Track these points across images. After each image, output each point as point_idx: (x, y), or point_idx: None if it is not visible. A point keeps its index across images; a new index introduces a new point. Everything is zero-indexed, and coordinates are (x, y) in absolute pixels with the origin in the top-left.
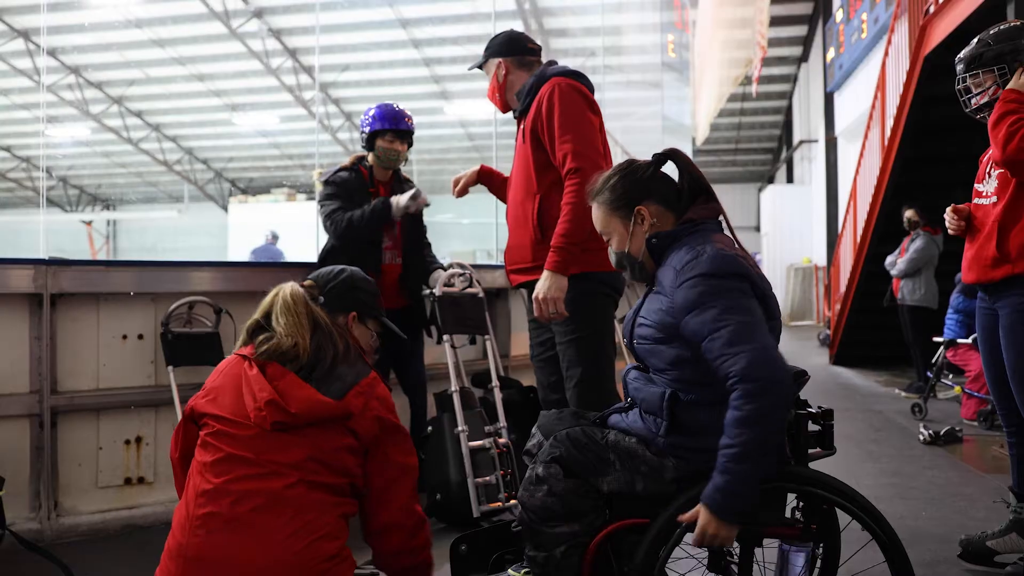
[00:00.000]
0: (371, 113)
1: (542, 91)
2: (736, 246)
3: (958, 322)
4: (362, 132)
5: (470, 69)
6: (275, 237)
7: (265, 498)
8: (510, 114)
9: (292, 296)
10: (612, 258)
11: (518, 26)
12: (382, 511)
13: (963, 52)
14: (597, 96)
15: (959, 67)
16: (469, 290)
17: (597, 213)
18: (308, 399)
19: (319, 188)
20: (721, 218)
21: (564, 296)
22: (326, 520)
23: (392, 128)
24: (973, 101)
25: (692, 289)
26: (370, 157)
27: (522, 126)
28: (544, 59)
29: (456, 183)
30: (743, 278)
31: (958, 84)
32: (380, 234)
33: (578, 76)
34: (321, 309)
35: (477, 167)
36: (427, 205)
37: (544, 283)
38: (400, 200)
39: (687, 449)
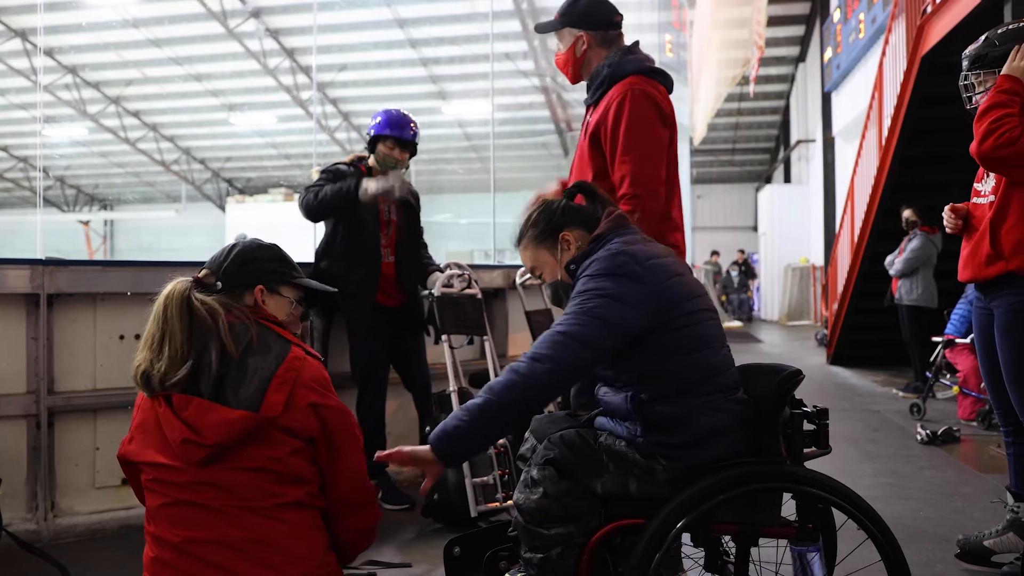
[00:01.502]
0: (379, 118)
1: (613, 92)
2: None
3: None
4: (368, 133)
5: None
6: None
7: (229, 550)
8: (508, 114)
9: (165, 299)
10: (547, 293)
11: (515, 27)
12: (333, 493)
13: (969, 48)
14: None
15: (964, 63)
16: (468, 291)
17: (525, 253)
18: (220, 423)
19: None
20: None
21: None
22: (300, 547)
23: (395, 135)
24: (974, 99)
25: (580, 285)
26: (370, 159)
27: (587, 119)
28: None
29: None
30: (623, 276)
31: (961, 80)
32: (376, 231)
33: (657, 75)
34: (216, 297)
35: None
36: (399, 190)
37: None
38: (370, 184)
39: (669, 446)
